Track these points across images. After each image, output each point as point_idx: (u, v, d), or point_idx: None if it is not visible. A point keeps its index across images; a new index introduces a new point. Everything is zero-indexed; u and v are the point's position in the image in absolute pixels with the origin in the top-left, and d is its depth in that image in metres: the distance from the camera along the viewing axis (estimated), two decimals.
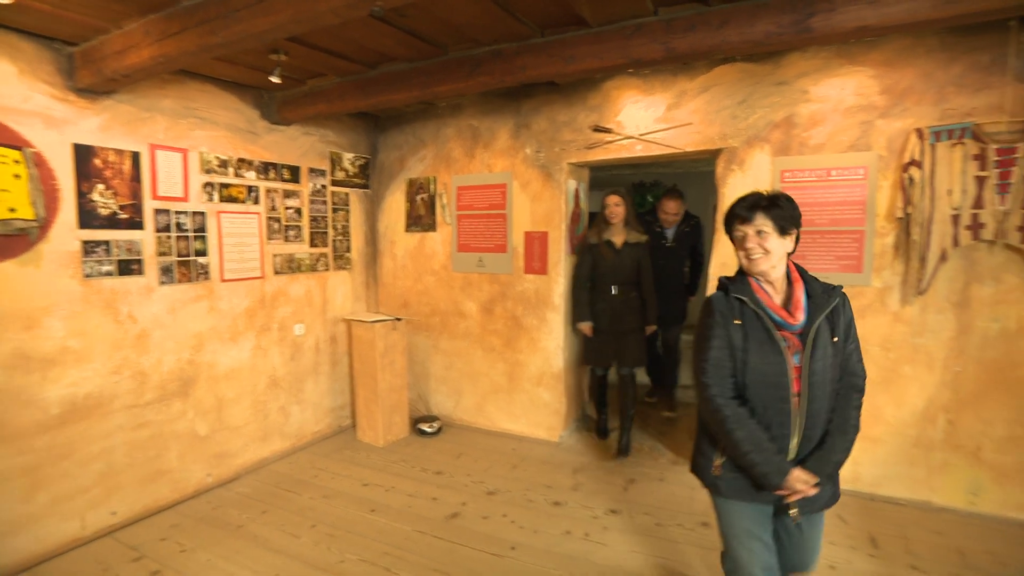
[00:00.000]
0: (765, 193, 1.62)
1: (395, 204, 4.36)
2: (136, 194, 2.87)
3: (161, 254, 2.99)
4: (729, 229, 1.66)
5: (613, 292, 3.53)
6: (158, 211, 2.97)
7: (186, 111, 3.10)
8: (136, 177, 2.87)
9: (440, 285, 4.20)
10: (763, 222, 1.57)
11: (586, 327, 3.63)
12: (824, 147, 2.95)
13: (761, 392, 1.55)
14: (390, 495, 3.14)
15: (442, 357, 4.26)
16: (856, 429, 1.60)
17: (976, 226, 2.67)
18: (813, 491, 1.54)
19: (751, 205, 1.59)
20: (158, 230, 2.96)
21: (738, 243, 1.63)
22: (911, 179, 2.74)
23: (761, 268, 1.59)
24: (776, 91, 3.02)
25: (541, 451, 3.71)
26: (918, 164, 2.72)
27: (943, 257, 2.73)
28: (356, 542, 2.67)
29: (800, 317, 1.55)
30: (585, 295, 3.63)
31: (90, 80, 2.57)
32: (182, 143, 3.08)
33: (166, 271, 3.01)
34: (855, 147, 2.89)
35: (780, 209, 1.57)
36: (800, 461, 1.57)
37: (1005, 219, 2.61)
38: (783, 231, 1.58)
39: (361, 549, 2.61)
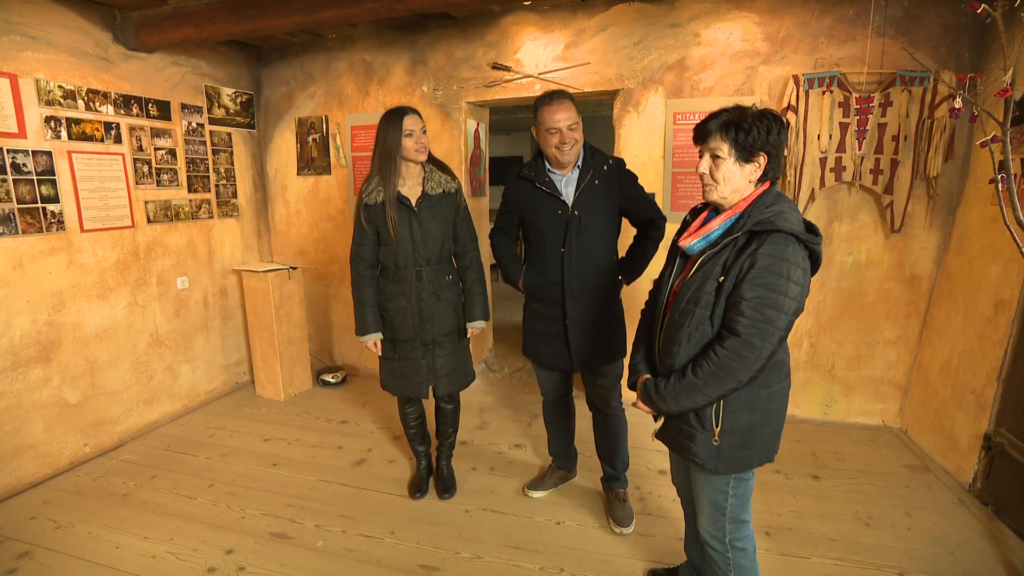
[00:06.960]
0: (734, 108, 1.33)
1: (284, 145, 4.03)
2: None
3: None
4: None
5: (418, 278, 2.24)
6: None
7: (8, 26, 2.58)
8: None
9: (338, 231, 4.00)
10: (718, 145, 1.33)
11: (373, 342, 2.31)
12: (713, 91, 3.06)
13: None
14: (293, 448, 3.06)
15: (344, 306, 4.11)
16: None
17: (839, 169, 2.93)
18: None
19: (705, 123, 1.36)
20: None
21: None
22: (787, 123, 2.94)
23: (712, 198, 1.40)
24: (670, 33, 3.06)
25: None
26: (794, 109, 2.90)
27: (811, 197, 2.98)
28: (258, 497, 2.59)
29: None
30: (370, 290, 2.29)
31: None
32: (8, 66, 2.59)
33: (5, 221, 2.60)
34: (740, 92, 3.02)
35: (743, 131, 1.29)
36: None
37: (862, 163, 2.89)
38: (745, 158, 1.32)
39: (263, 503, 2.54)
